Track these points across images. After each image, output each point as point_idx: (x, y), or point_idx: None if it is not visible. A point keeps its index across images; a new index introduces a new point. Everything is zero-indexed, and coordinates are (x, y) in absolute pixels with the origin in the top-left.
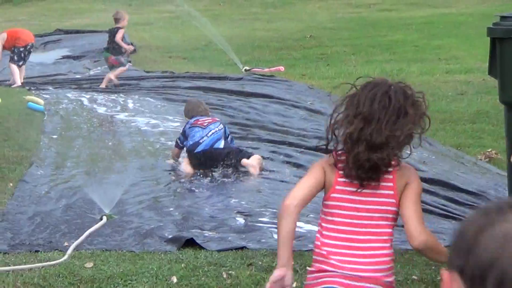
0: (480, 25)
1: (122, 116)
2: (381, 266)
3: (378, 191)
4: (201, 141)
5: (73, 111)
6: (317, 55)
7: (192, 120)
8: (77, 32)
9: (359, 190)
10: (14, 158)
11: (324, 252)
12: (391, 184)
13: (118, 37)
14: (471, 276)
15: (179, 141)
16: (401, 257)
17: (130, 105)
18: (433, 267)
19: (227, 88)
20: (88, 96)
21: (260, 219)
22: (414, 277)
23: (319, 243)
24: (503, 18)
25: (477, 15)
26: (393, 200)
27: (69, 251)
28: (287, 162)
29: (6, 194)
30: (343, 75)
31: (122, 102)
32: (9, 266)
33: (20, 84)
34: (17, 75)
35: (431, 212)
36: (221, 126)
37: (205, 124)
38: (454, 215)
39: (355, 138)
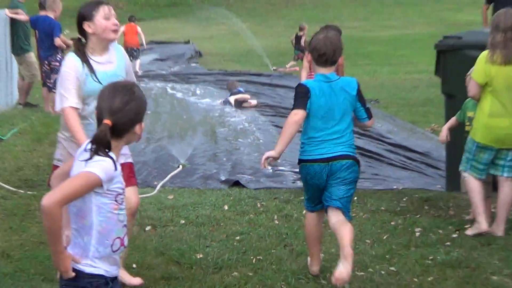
0: (430, 42)
1: (192, 99)
2: None
3: None
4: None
5: (160, 95)
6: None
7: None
8: (163, 43)
9: None
10: None
11: None
12: None
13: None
14: None
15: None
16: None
17: (198, 91)
18: None
19: (262, 81)
20: (170, 85)
21: (282, 168)
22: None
23: None
24: (445, 37)
25: (428, 35)
26: None
27: (158, 187)
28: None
29: None
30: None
31: (192, 90)
32: None
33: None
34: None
35: (394, 165)
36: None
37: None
38: (408, 167)
39: None
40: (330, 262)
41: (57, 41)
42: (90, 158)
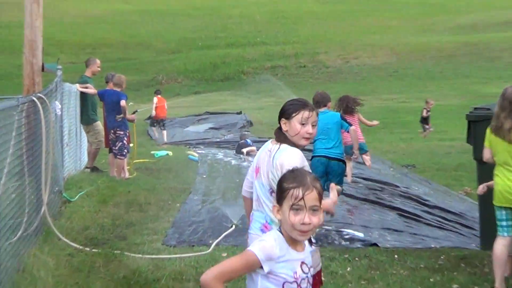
0: (461, 112)
1: (244, 164)
2: None
3: None
4: None
5: (215, 160)
6: (360, 129)
7: None
8: (218, 113)
9: None
10: (180, 189)
11: None
12: None
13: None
14: None
15: None
16: None
17: (250, 158)
18: None
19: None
20: (223, 152)
21: (327, 227)
22: None
23: None
24: (475, 108)
25: (459, 106)
26: None
27: (212, 246)
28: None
29: (175, 211)
30: (377, 141)
31: (244, 156)
32: (177, 254)
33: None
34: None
35: (431, 225)
36: None
37: None
38: (445, 227)
39: None
40: None
41: (123, 102)
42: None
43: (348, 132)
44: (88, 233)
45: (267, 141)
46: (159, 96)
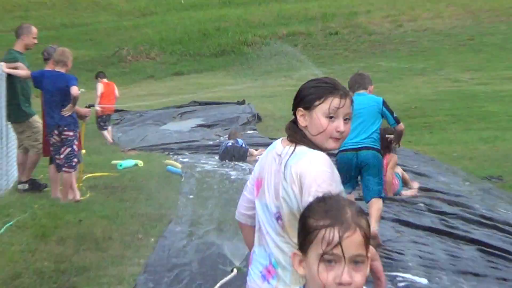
0: None
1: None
2: None
3: None
4: None
5: (206, 174)
6: (421, 124)
7: None
8: (210, 103)
9: None
10: (155, 216)
11: None
12: None
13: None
14: None
15: None
16: None
17: (244, 166)
18: None
19: None
20: (219, 160)
21: None
22: None
23: None
24: None
25: None
26: None
27: None
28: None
29: (148, 248)
30: (445, 141)
31: (251, 167)
32: None
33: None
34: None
35: None
36: None
37: None
38: None
39: None
40: None
41: (74, 89)
42: None
43: (394, 127)
44: (20, 283)
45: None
46: (104, 80)
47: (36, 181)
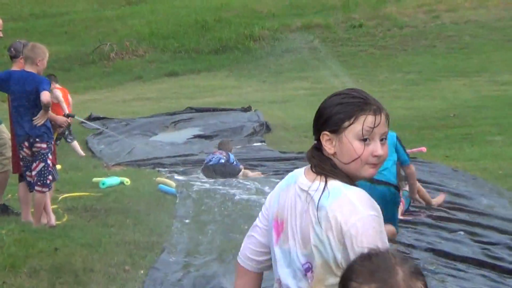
0: None
1: (254, 197)
2: None
3: None
4: None
5: (205, 195)
6: (461, 135)
7: None
8: (209, 110)
9: None
10: (145, 244)
11: None
12: None
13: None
14: None
15: None
16: None
17: (266, 188)
18: None
19: None
20: (221, 178)
21: None
22: None
23: None
24: None
25: None
26: None
27: None
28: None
29: (137, 282)
30: (489, 156)
31: (257, 185)
32: None
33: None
34: None
35: None
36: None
37: None
38: None
39: None
40: None
41: (45, 95)
42: None
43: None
44: None
45: (295, 158)
46: (57, 85)
47: (6, 206)
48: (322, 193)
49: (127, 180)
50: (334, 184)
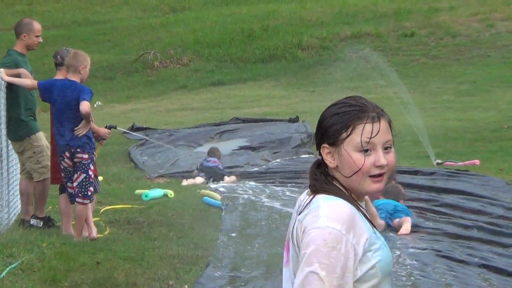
0: None
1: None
2: None
3: None
4: None
5: (251, 207)
6: None
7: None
8: (256, 121)
9: None
10: (189, 258)
11: None
12: None
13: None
14: None
15: None
16: None
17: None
18: None
19: (419, 183)
20: (268, 191)
21: None
22: None
23: None
24: None
25: None
26: None
27: None
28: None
29: None
30: None
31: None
32: None
33: None
34: None
35: None
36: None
37: None
38: None
39: None
40: None
41: (85, 105)
42: None
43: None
44: None
45: None
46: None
47: (49, 219)
48: (304, 207)
49: (171, 192)
50: (319, 197)
